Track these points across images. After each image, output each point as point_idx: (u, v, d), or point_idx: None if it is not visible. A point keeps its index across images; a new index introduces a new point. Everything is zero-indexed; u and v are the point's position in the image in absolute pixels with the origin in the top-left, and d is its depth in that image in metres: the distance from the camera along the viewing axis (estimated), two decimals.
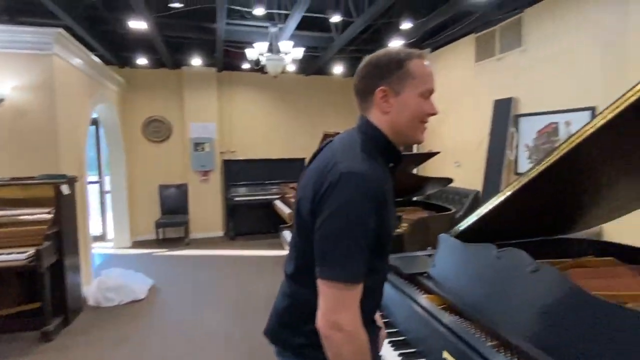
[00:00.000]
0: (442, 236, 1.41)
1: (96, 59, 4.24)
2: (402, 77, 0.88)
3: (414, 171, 3.46)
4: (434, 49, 5.26)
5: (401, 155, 0.94)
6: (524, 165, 3.94)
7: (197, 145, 5.96)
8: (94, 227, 5.65)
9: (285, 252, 2.15)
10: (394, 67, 0.88)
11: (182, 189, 6.05)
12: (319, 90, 6.70)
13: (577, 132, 1.14)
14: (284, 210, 4.76)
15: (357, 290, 0.80)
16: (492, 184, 4.20)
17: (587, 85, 3.29)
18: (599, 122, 1.08)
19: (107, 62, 5.27)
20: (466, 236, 1.49)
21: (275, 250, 5.33)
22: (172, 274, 4.50)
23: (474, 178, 4.58)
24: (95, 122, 5.79)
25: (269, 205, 5.83)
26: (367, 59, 0.92)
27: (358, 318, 0.80)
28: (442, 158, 4.99)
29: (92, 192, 5.76)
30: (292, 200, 4.03)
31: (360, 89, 0.93)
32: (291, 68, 5.79)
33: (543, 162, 1.26)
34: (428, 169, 5.46)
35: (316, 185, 0.85)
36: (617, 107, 1.03)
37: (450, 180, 3.43)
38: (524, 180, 1.31)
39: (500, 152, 4.13)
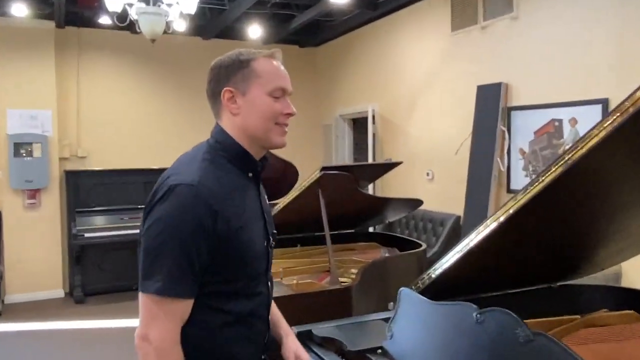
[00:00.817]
0: (404, 291, 1.44)
1: None
2: (246, 75, 1.25)
3: (369, 189, 3.57)
4: (392, 10, 5.55)
5: (256, 163, 1.32)
6: (519, 178, 4.27)
7: (20, 146, 5.65)
8: None
9: None
10: (238, 66, 1.26)
11: None
12: None
13: (587, 133, 1.22)
14: None
15: (173, 306, 1.14)
16: (477, 206, 4.48)
17: (599, 70, 3.69)
18: (618, 119, 1.14)
19: None
20: (440, 287, 1.55)
21: None
22: None
23: (452, 197, 4.85)
24: None
25: None
26: (214, 62, 1.31)
27: (172, 335, 1.14)
28: (408, 167, 5.25)
29: None
30: None
31: (209, 93, 1.33)
32: (181, 27, 5.69)
33: (541, 179, 1.36)
34: (391, 184, 5.66)
35: (148, 201, 1.20)
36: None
37: (419, 203, 3.58)
38: (517, 204, 1.41)
39: (488, 160, 4.44)
